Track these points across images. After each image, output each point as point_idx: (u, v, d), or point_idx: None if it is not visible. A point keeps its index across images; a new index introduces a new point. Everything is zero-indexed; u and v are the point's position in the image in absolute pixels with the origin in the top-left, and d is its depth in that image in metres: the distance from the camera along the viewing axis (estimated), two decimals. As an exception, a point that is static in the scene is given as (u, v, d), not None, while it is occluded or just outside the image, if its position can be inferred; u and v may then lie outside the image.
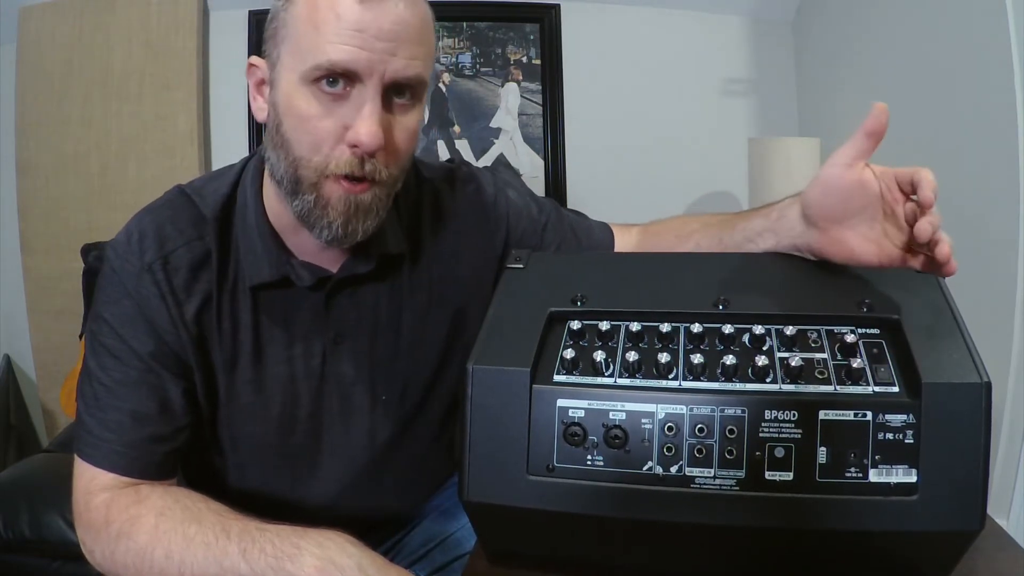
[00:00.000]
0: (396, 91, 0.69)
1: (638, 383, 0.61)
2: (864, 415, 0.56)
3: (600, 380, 0.61)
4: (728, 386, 0.59)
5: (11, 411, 2.22)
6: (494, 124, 2.43)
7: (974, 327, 0.62)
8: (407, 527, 0.96)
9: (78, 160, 2.22)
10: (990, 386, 0.55)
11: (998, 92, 1.47)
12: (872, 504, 0.55)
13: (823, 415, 0.56)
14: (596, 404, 0.60)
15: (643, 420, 0.59)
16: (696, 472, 0.58)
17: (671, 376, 0.61)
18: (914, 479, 0.55)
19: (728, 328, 0.63)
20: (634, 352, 0.62)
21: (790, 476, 0.56)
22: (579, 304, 0.68)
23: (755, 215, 0.81)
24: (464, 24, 2.40)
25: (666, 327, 0.64)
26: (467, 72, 2.42)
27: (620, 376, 0.61)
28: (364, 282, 0.81)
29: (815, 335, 0.63)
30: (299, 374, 0.80)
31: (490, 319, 0.69)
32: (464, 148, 2.43)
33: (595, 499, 0.59)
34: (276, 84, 0.71)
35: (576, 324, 0.66)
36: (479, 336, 0.66)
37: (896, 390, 0.57)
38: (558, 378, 0.62)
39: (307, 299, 0.79)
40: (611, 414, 0.59)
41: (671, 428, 0.58)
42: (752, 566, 0.63)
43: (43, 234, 2.23)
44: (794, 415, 0.57)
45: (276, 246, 0.77)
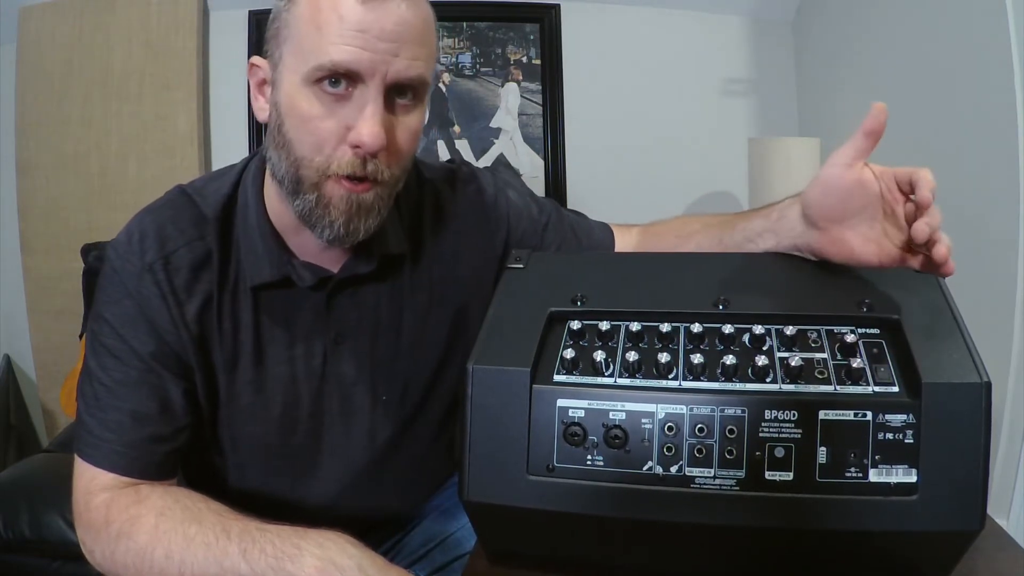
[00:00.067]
0: (398, 92, 0.69)
1: (638, 383, 0.61)
2: (864, 415, 0.56)
3: (600, 380, 0.61)
4: (728, 386, 0.59)
5: (11, 411, 2.22)
6: (494, 124, 2.43)
7: (974, 327, 0.62)
8: (407, 527, 0.96)
9: (78, 160, 2.22)
10: (990, 386, 0.55)
11: (998, 92, 1.48)
12: (872, 504, 0.55)
13: (823, 415, 0.56)
14: (596, 404, 0.60)
15: (643, 420, 0.59)
16: (696, 472, 0.58)
17: (671, 376, 0.61)
18: (914, 479, 0.55)
19: (728, 328, 0.63)
20: (634, 352, 0.62)
21: (790, 476, 0.56)
22: (579, 304, 0.68)
23: (755, 215, 0.81)
24: (464, 24, 2.40)
25: (666, 327, 0.64)
26: (467, 72, 2.42)
27: (620, 376, 0.61)
28: (365, 282, 0.81)
29: (815, 335, 0.63)
30: (300, 374, 0.80)
31: (490, 319, 0.69)
32: (464, 148, 2.43)
33: (595, 499, 0.59)
34: (278, 84, 0.71)
35: (576, 324, 0.66)
36: (479, 336, 0.66)
37: (896, 390, 0.57)
38: (558, 378, 0.62)
39: (308, 299, 0.79)
40: (611, 414, 0.59)
41: (671, 428, 0.58)
42: (752, 566, 0.63)
43: (43, 234, 2.23)
44: (794, 415, 0.57)
45: (277, 246, 0.77)
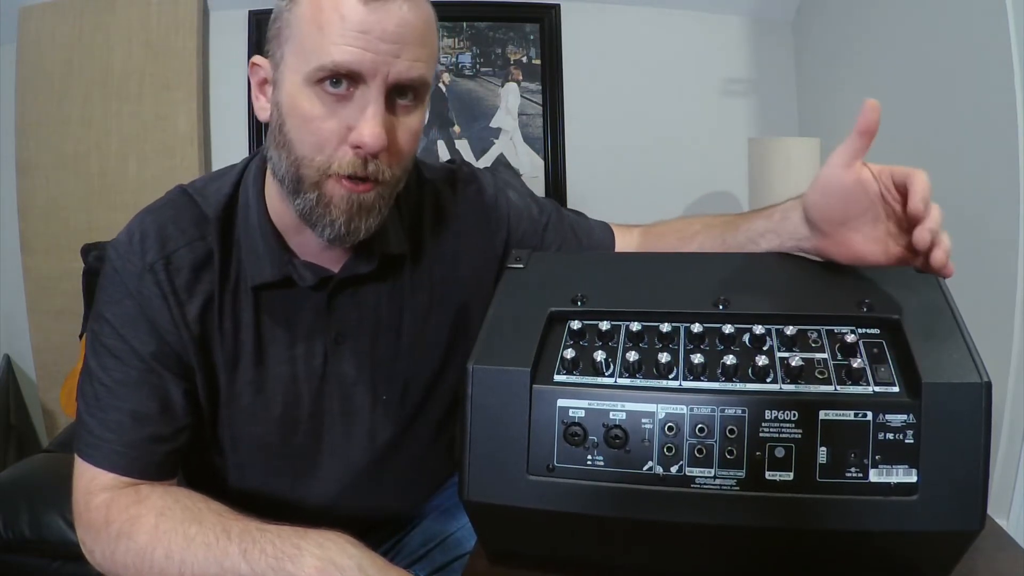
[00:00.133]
0: (399, 92, 0.69)
1: (638, 383, 0.61)
2: (864, 415, 0.56)
3: (600, 380, 0.61)
4: (728, 386, 0.59)
5: (11, 411, 2.22)
6: (494, 124, 2.43)
7: (974, 327, 0.62)
8: (407, 527, 0.96)
9: (78, 160, 2.22)
10: (990, 386, 0.55)
11: (998, 92, 1.48)
12: (872, 504, 0.55)
13: (823, 415, 0.56)
14: (596, 404, 0.60)
15: (643, 420, 0.59)
16: (696, 472, 0.58)
17: (671, 376, 0.61)
18: (914, 479, 0.55)
19: (728, 328, 0.63)
20: (634, 352, 0.62)
21: (790, 476, 0.56)
22: (579, 304, 0.68)
23: (757, 216, 0.81)
24: (464, 24, 2.40)
25: (666, 327, 0.64)
26: (467, 72, 2.42)
27: (620, 376, 0.61)
28: (366, 282, 0.81)
29: (815, 335, 0.63)
30: (300, 374, 0.80)
31: (490, 319, 0.68)
32: (464, 148, 2.43)
33: (595, 499, 0.59)
34: (279, 84, 0.71)
35: (576, 324, 0.66)
36: (479, 336, 0.66)
37: (896, 390, 0.57)
38: (558, 378, 0.62)
39: (309, 299, 0.79)
40: (611, 414, 0.59)
41: (671, 428, 0.58)
42: (752, 566, 0.63)
43: (43, 234, 2.23)
44: (794, 415, 0.57)
45: (278, 246, 0.77)
